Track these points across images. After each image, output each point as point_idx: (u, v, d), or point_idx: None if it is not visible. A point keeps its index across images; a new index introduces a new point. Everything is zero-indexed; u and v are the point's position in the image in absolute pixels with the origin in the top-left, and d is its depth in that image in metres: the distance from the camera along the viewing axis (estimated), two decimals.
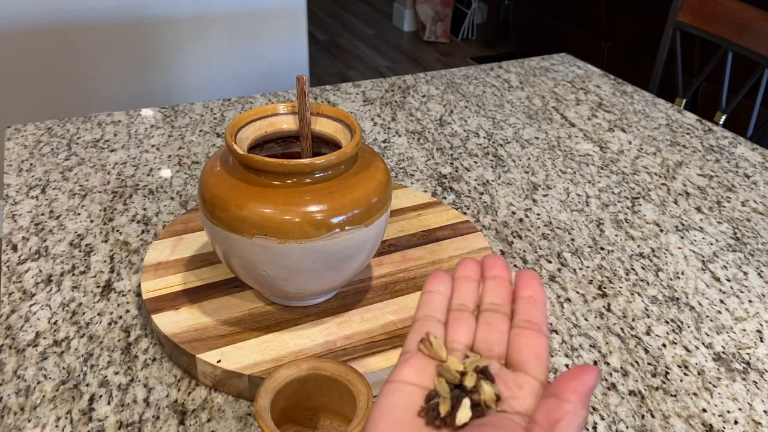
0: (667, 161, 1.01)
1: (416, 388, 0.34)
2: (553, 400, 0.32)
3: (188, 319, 0.63)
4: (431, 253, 0.73)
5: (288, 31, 2.06)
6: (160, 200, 0.86)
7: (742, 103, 1.54)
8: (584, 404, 0.31)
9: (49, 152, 0.96)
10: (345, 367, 0.51)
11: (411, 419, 0.33)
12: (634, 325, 0.70)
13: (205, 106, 1.12)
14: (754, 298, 0.74)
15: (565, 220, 0.86)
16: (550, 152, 1.02)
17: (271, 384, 0.50)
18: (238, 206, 0.56)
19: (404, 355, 0.36)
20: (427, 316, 0.38)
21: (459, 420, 0.32)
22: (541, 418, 0.31)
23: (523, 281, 0.39)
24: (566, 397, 0.31)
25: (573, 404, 0.31)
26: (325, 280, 0.61)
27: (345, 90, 1.20)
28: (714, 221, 0.87)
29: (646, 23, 2.52)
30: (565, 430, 0.30)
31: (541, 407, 0.32)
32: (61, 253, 0.76)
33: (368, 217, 0.59)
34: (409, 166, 0.97)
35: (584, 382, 0.32)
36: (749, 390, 0.63)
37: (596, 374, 0.32)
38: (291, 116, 0.64)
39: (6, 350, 0.63)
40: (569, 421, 0.31)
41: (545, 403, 0.32)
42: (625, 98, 1.21)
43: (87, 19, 1.79)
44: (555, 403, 0.31)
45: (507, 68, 1.32)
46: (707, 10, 1.37)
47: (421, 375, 0.35)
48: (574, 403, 0.31)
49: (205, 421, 0.57)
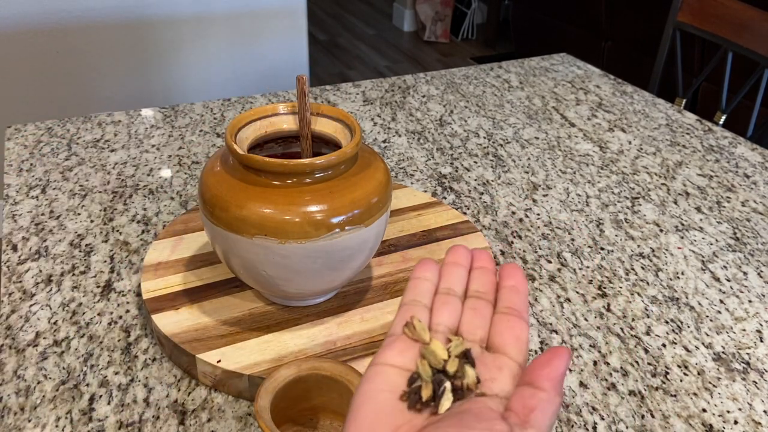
0: (667, 161, 1.01)
1: (399, 370, 0.35)
2: (528, 389, 0.33)
3: (188, 319, 0.63)
4: (431, 253, 0.73)
5: (288, 31, 2.06)
6: (160, 200, 0.86)
7: (742, 103, 1.54)
8: (558, 391, 0.33)
9: (49, 152, 0.96)
10: (345, 367, 0.51)
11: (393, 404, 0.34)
12: (634, 325, 0.70)
13: (205, 106, 1.12)
14: (754, 298, 0.74)
15: (565, 220, 0.86)
16: (550, 152, 1.02)
17: (271, 384, 0.50)
18: (238, 206, 0.56)
19: (388, 338, 0.37)
20: (412, 301, 0.39)
21: (442, 408, 0.33)
22: (517, 407, 0.32)
23: (507, 272, 0.40)
24: (540, 384, 0.33)
25: (547, 392, 0.32)
26: (325, 280, 0.61)
27: (345, 90, 1.20)
28: (714, 221, 0.87)
29: (646, 23, 2.52)
30: (539, 418, 0.32)
31: (516, 395, 0.33)
32: (61, 253, 0.76)
33: (368, 217, 0.59)
34: (409, 166, 0.97)
35: (556, 368, 0.33)
36: (749, 390, 0.63)
37: (567, 357, 0.33)
38: (291, 116, 0.64)
39: (6, 350, 0.63)
40: (543, 409, 0.32)
41: (520, 392, 0.33)
42: (625, 98, 1.21)
43: (87, 19, 1.79)
44: (530, 392, 0.33)
45: (507, 68, 1.32)
46: (707, 10, 1.37)
47: (404, 357, 0.36)
48: (548, 391, 0.32)
49: (205, 421, 0.57)
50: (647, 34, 2.52)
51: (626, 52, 2.66)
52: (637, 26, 2.58)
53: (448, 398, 0.33)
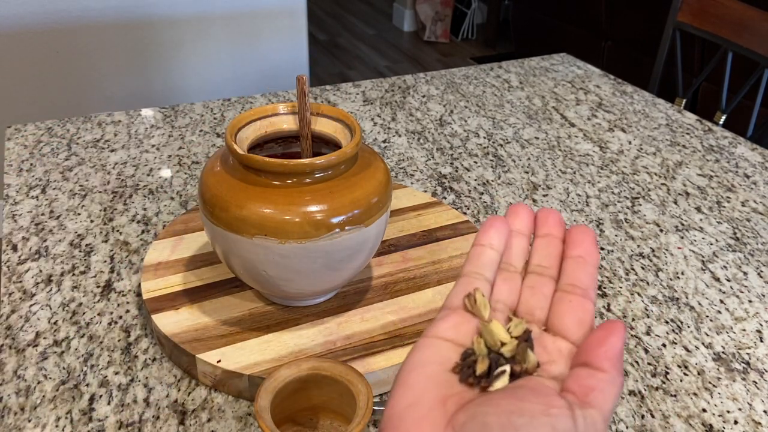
0: (667, 161, 1.01)
1: (452, 344, 0.33)
2: (585, 370, 0.31)
3: (188, 319, 0.63)
4: (431, 253, 0.73)
5: (288, 31, 2.06)
6: (160, 200, 0.86)
7: (742, 103, 1.54)
8: (619, 370, 0.30)
9: (49, 152, 0.96)
10: (345, 367, 0.51)
11: (443, 374, 0.32)
12: (634, 325, 0.70)
13: (205, 106, 1.12)
14: (754, 298, 0.74)
15: (565, 220, 0.86)
16: (550, 152, 1.02)
17: (271, 384, 0.50)
18: (238, 206, 0.56)
19: (443, 310, 0.35)
20: (474, 272, 0.36)
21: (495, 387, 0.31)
22: (574, 387, 0.30)
23: (574, 238, 0.36)
24: (599, 365, 0.30)
25: (608, 372, 0.30)
26: (325, 280, 0.61)
27: (345, 90, 1.20)
28: (714, 221, 0.87)
29: (646, 23, 2.52)
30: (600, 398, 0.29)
31: (572, 376, 0.31)
32: (61, 253, 0.76)
33: (368, 217, 0.59)
34: (409, 166, 0.97)
35: (613, 345, 0.30)
36: (749, 390, 0.63)
37: (623, 333, 0.31)
38: (291, 116, 0.64)
39: (6, 350, 0.63)
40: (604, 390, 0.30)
41: (576, 373, 0.31)
42: (625, 98, 1.21)
43: (87, 19, 1.79)
44: (587, 372, 0.30)
45: (507, 68, 1.32)
46: (707, 10, 1.37)
47: (458, 331, 0.34)
48: (608, 371, 0.30)
49: (205, 421, 0.57)
50: (647, 34, 2.52)
51: (626, 52, 2.66)
52: (637, 26, 2.58)
53: (503, 381, 0.32)
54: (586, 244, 0.36)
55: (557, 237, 0.37)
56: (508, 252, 0.37)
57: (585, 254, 0.35)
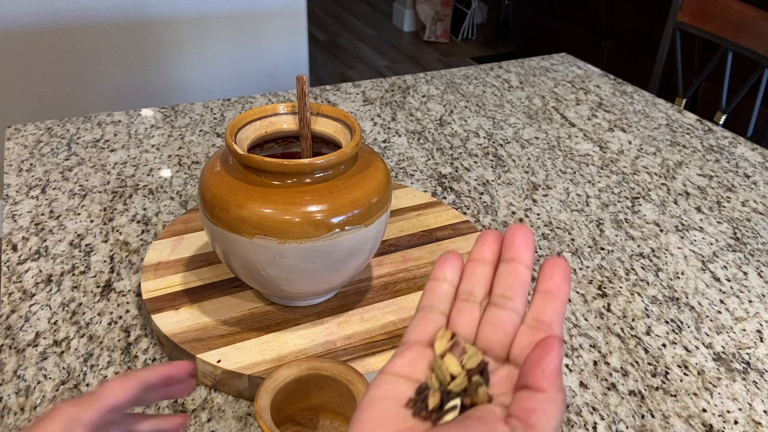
0: (667, 161, 1.01)
1: (407, 380, 0.34)
2: (525, 392, 0.31)
3: (188, 319, 0.63)
4: (431, 253, 0.73)
5: (288, 31, 2.06)
6: (160, 200, 0.86)
7: (742, 103, 1.54)
8: (557, 387, 0.30)
9: (49, 152, 0.96)
10: (345, 367, 0.51)
11: (397, 410, 0.33)
12: (634, 325, 0.70)
13: (205, 106, 1.12)
14: (754, 298, 0.74)
15: (565, 220, 0.86)
16: (550, 152, 1.02)
17: (271, 384, 0.50)
18: (238, 206, 0.56)
19: (401, 346, 0.36)
20: (429, 306, 0.36)
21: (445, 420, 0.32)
22: (517, 411, 0.31)
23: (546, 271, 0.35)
24: (537, 385, 0.31)
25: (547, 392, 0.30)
26: (325, 280, 0.61)
27: (345, 90, 1.20)
28: (714, 221, 0.87)
29: (646, 23, 2.52)
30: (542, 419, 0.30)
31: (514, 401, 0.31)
32: (61, 253, 0.76)
33: (368, 217, 0.59)
34: (409, 166, 0.97)
35: (549, 363, 0.31)
36: (749, 390, 0.63)
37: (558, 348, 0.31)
38: (291, 116, 0.64)
39: (6, 350, 0.63)
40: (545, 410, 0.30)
41: (518, 396, 0.31)
42: (625, 98, 1.21)
43: (87, 19, 1.79)
44: (527, 395, 0.31)
45: (507, 68, 1.32)
46: (707, 10, 1.37)
47: (414, 367, 0.35)
48: (547, 391, 0.30)
49: (205, 421, 0.57)
50: (647, 34, 2.52)
51: (626, 52, 2.66)
52: (637, 26, 2.58)
53: (453, 414, 0.32)
54: (556, 278, 0.35)
55: (522, 263, 0.37)
56: (469, 279, 0.37)
57: (554, 289, 0.35)
